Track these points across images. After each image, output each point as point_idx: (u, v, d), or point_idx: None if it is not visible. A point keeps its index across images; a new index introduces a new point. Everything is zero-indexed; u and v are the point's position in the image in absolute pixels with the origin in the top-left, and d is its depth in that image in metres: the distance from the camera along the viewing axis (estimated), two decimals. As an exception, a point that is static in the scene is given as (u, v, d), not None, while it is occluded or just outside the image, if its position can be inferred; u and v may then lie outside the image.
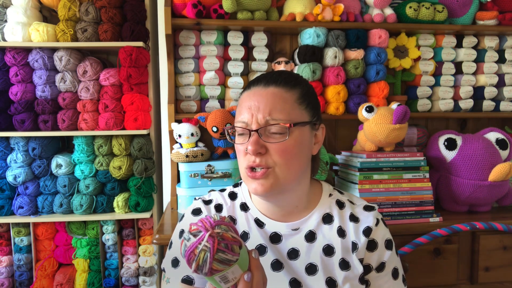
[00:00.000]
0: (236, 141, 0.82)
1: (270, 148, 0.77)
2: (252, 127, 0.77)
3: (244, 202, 0.88)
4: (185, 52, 1.62)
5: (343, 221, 0.84)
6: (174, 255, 0.83)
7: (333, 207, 0.86)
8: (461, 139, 1.48)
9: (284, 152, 0.77)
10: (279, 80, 0.81)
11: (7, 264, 1.69)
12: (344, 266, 0.80)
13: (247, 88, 0.84)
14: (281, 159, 0.77)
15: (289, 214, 0.85)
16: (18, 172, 1.62)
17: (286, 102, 0.78)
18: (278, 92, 0.79)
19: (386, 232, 0.86)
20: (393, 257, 0.85)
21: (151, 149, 1.69)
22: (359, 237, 0.82)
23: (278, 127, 0.77)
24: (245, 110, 0.79)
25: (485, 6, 1.70)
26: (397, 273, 0.85)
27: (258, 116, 0.77)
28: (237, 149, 0.82)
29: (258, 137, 0.76)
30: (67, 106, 1.63)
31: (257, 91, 0.80)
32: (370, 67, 1.64)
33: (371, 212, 0.86)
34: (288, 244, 0.82)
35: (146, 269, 1.72)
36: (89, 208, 1.65)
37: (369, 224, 0.83)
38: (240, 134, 0.81)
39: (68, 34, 1.58)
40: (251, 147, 0.75)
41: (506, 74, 1.77)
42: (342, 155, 1.56)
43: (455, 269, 1.36)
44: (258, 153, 0.76)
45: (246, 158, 0.78)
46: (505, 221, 1.33)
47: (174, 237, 0.87)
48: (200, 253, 0.55)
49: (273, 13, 1.62)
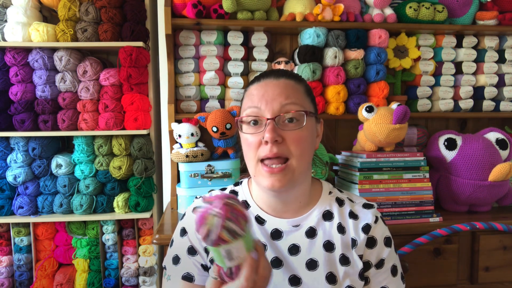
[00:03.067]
0: (247, 131, 0.80)
1: (286, 137, 0.77)
2: (266, 115, 0.77)
3: (244, 200, 0.89)
4: (185, 52, 1.62)
5: (342, 218, 0.85)
6: (175, 252, 0.84)
7: (333, 204, 0.87)
8: (461, 139, 1.48)
9: (300, 141, 0.77)
10: (287, 73, 0.84)
11: (7, 264, 1.69)
12: (344, 261, 0.81)
13: (255, 81, 0.84)
14: (297, 149, 0.77)
15: (291, 211, 0.85)
16: (18, 172, 1.62)
17: (298, 92, 0.81)
18: (290, 83, 0.82)
19: (385, 230, 0.86)
20: (392, 254, 0.85)
21: (151, 149, 1.69)
22: (359, 234, 0.83)
23: (295, 113, 0.77)
24: (258, 99, 0.79)
25: (485, 6, 1.70)
26: (396, 270, 0.86)
27: (273, 104, 0.77)
28: (246, 141, 0.80)
29: (275, 125, 0.76)
30: (67, 106, 1.63)
31: (269, 82, 0.81)
32: (370, 67, 1.64)
33: (370, 209, 0.87)
34: (288, 240, 0.83)
35: (146, 269, 1.72)
36: (89, 208, 1.65)
37: (368, 221, 0.84)
38: (251, 124, 0.79)
39: (68, 34, 1.58)
40: (269, 135, 0.74)
41: (506, 74, 1.77)
42: (342, 155, 1.56)
43: (455, 269, 1.36)
44: (275, 141, 0.75)
45: (261, 149, 0.77)
46: (505, 221, 1.33)
47: (175, 235, 0.87)
48: (212, 218, 0.56)
49: (273, 13, 1.62)
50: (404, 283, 0.87)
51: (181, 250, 0.83)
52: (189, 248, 0.82)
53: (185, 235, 0.84)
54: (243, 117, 0.81)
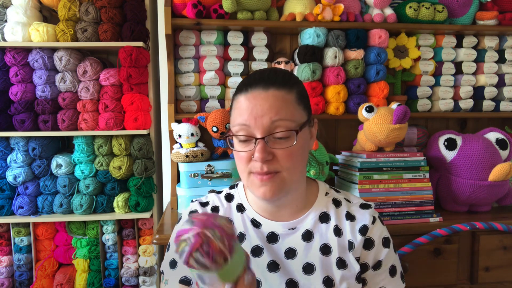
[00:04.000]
0: (237, 148, 0.78)
1: (277, 154, 0.75)
2: (256, 133, 0.74)
3: (240, 203, 0.88)
4: (185, 52, 1.62)
5: (339, 220, 0.84)
6: (172, 256, 0.83)
7: (329, 206, 0.86)
8: (461, 139, 1.48)
9: (291, 156, 0.75)
10: (277, 81, 0.77)
11: (7, 264, 1.69)
12: (341, 265, 0.80)
13: (243, 90, 0.78)
14: (288, 163, 0.75)
15: (287, 214, 0.84)
16: (18, 172, 1.62)
17: (288, 104, 0.76)
18: (280, 95, 0.76)
19: (383, 230, 0.85)
20: (390, 254, 0.84)
21: (151, 149, 1.69)
22: (356, 236, 0.82)
23: (285, 132, 0.74)
24: (246, 114, 0.75)
25: (485, 6, 1.69)
26: (395, 271, 0.85)
27: (262, 121, 0.73)
28: (237, 155, 0.78)
29: (265, 144, 0.74)
30: (67, 106, 1.63)
31: (257, 94, 0.75)
32: (370, 67, 1.64)
33: (367, 210, 0.85)
34: (285, 244, 0.82)
35: (146, 269, 1.72)
36: (89, 208, 1.64)
37: (365, 223, 0.83)
38: (242, 141, 0.77)
39: (68, 34, 1.57)
40: (259, 155, 0.73)
41: (506, 74, 1.77)
42: (342, 155, 1.56)
43: (455, 269, 1.36)
44: (266, 160, 0.74)
45: (252, 164, 0.76)
46: (505, 221, 1.33)
47: (172, 240, 0.86)
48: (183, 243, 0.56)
49: (273, 13, 1.62)
50: (404, 282, 0.86)
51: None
52: None
53: None
54: (233, 135, 0.78)
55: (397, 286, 0.85)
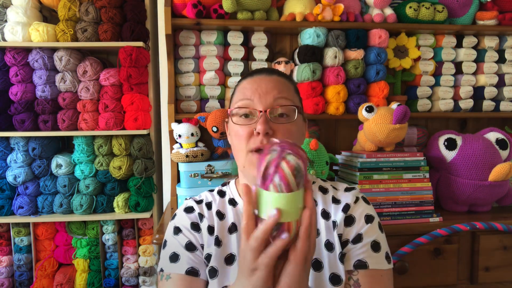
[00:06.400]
0: (238, 122, 0.81)
1: (277, 130, 0.78)
2: (259, 107, 0.79)
3: (232, 198, 0.90)
4: (185, 52, 1.62)
5: (326, 205, 0.86)
6: (172, 250, 0.83)
7: (316, 192, 0.89)
8: (461, 139, 1.48)
9: (289, 134, 0.79)
10: (279, 72, 0.88)
11: (7, 264, 1.69)
12: (329, 247, 0.81)
13: (248, 76, 0.87)
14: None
15: None
16: (18, 172, 1.62)
17: (289, 89, 0.85)
18: (282, 80, 0.85)
19: (367, 208, 0.85)
20: (373, 230, 0.83)
21: (151, 149, 1.69)
22: (338, 215, 0.83)
23: (286, 108, 0.80)
24: (251, 92, 0.81)
25: (485, 6, 1.69)
26: (378, 247, 0.82)
27: (266, 97, 0.80)
28: (236, 133, 0.81)
29: (267, 117, 0.78)
30: (67, 106, 1.63)
31: (262, 77, 0.84)
32: (370, 67, 1.64)
33: (351, 191, 0.87)
34: None
35: (146, 269, 1.72)
36: (89, 208, 1.64)
37: (347, 202, 0.85)
38: (242, 117, 0.81)
39: (68, 34, 1.58)
40: (261, 127, 0.76)
41: (506, 74, 1.77)
42: (342, 155, 1.56)
43: (455, 269, 1.36)
44: (266, 133, 0.76)
45: (251, 141, 0.78)
46: (505, 221, 1.33)
47: (167, 236, 0.87)
48: (297, 161, 0.52)
49: (273, 13, 1.62)
50: (390, 264, 0.82)
51: (178, 247, 0.83)
52: (187, 244, 0.82)
53: (180, 232, 0.84)
54: (235, 109, 0.82)
55: (379, 262, 0.80)
